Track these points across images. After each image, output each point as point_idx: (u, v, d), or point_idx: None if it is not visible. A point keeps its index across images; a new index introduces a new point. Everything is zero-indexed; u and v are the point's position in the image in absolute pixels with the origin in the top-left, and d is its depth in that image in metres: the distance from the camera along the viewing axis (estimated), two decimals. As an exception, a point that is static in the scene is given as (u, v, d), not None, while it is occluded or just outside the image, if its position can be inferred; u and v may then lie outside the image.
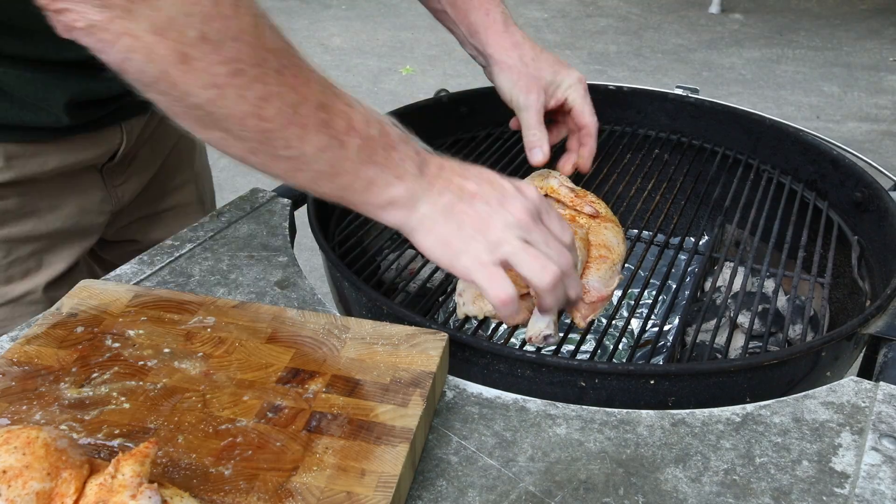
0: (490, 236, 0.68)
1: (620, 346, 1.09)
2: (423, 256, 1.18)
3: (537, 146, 0.98)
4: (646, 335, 1.09)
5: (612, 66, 4.32)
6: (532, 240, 0.69)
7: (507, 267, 0.68)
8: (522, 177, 1.04)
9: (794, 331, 0.99)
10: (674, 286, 1.10)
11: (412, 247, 1.12)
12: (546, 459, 0.63)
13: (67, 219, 0.96)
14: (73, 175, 0.95)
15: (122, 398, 0.62)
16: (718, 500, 0.60)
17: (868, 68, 4.30)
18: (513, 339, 0.86)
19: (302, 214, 1.00)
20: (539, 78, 0.98)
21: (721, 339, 1.02)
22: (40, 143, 0.89)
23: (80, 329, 0.70)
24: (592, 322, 0.86)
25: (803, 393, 0.71)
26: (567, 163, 1.03)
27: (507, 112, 1.32)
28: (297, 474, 0.56)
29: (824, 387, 0.72)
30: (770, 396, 0.72)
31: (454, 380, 0.72)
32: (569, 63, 1.01)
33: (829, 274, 0.95)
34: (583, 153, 1.02)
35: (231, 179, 3.08)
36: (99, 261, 1.11)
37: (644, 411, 0.69)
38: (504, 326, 0.86)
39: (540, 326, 0.80)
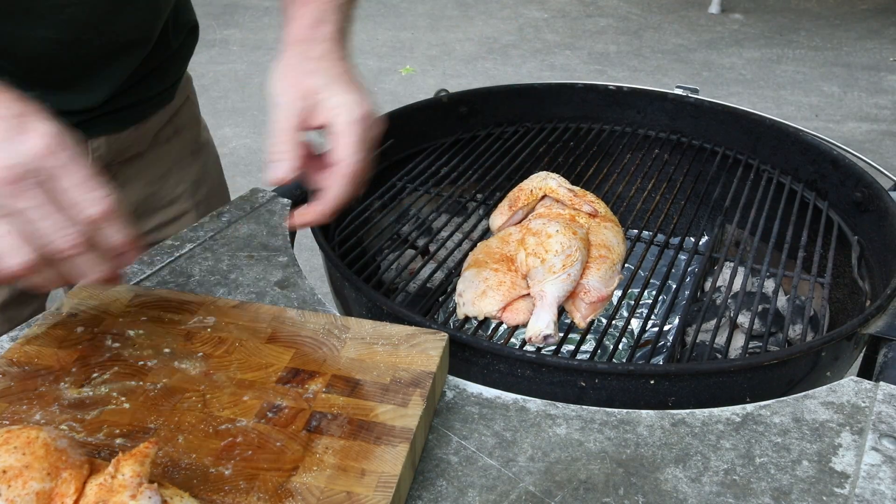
0: None
1: (620, 346, 1.09)
2: (423, 256, 1.19)
3: (275, 160, 0.73)
4: (646, 335, 1.09)
5: (612, 66, 4.32)
6: (14, 210, 0.55)
7: None
8: (523, 177, 1.04)
9: (794, 331, 0.99)
10: (674, 286, 1.10)
11: (412, 247, 1.12)
12: (546, 459, 0.63)
13: None
14: None
15: (122, 398, 0.62)
16: (718, 500, 0.60)
17: (868, 68, 4.30)
18: (513, 339, 0.86)
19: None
20: (309, 82, 0.74)
21: (721, 339, 1.02)
22: None
23: (80, 329, 0.70)
24: (592, 322, 0.86)
25: (803, 393, 0.71)
26: (299, 217, 0.75)
27: (507, 112, 1.32)
28: (297, 474, 0.56)
29: (824, 387, 0.72)
30: (770, 396, 0.72)
31: (454, 380, 0.72)
32: (369, 92, 0.75)
33: (829, 274, 0.95)
34: (324, 197, 0.74)
35: (231, 179, 3.08)
36: None
37: (644, 411, 0.69)
38: (504, 326, 0.86)
39: (540, 326, 0.80)
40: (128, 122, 0.96)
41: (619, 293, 0.94)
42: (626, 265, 0.99)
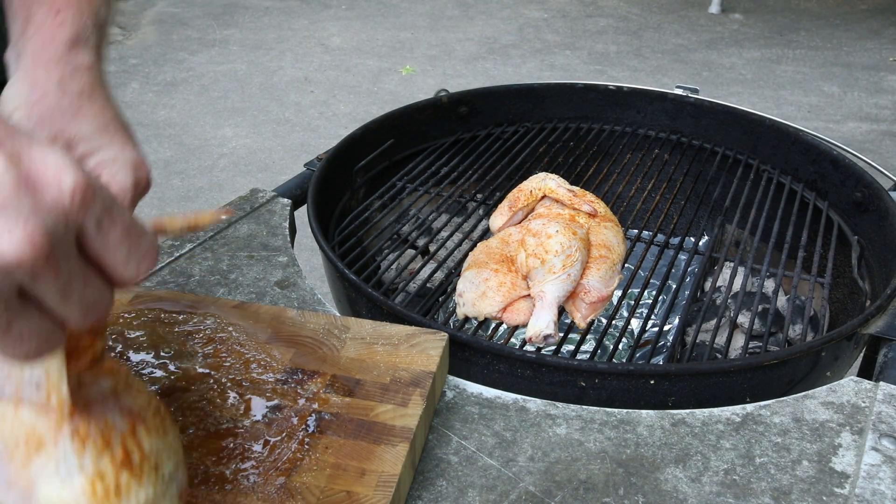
0: None
1: (620, 346, 1.09)
2: (423, 256, 1.19)
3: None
4: (646, 335, 1.09)
5: (612, 66, 4.32)
6: (38, 292, 0.36)
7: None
8: (523, 177, 1.04)
9: (794, 331, 0.99)
10: (674, 286, 1.10)
11: (413, 247, 1.13)
12: (546, 459, 0.63)
13: None
14: None
15: (122, 398, 0.62)
16: (718, 500, 0.60)
17: (868, 68, 4.30)
18: (513, 339, 0.86)
19: (302, 214, 1.00)
20: (71, 129, 0.53)
21: (721, 339, 1.02)
22: None
23: (80, 329, 0.70)
24: (592, 322, 0.86)
25: (803, 393, 0.71)
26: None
27: (507, 112, 1.32)
28: (297, 474, 0.56)
29: (824, 387, 0.72)
30: (770, 396, 0.72)
31: (454, 380, 0.72)
32: (138, 144, 0.56)
33: (829, 274, 0.95)
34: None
35: (231, 179, 3.08)
36: None
37: (644, 411, 0.69)
38: (504, 326, 0.86)
39: (540, 326, 0.80)
40: None
41: (619, 293, 0.94)
42: (626, 265, 0.99)
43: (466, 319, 0.86)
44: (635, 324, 1.14)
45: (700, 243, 1.13)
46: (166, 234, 0.47)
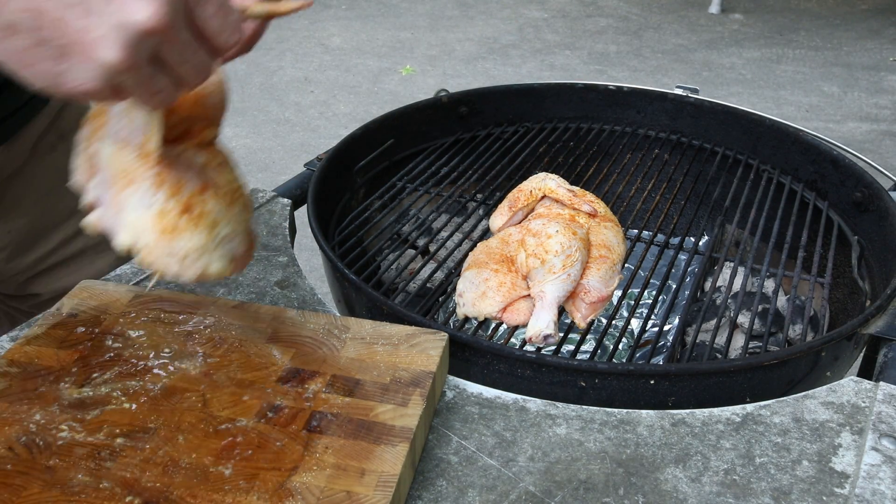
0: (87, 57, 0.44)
1: (620, 346, 1.09)
2: (423, 256, 1.19)
3: None
4: (646, 335, 1.09)
5: (612, 66, 4.32)
6: (164, 55, 0.47)
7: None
8: (523, 177, 1.04)
9: (794, 331, 0.99)
10: (674, 286, 1.10)
11: (413, 247, 1.12)
12: (546, 459, 0.63)
13: None
14: None
15: (123, 398, 0.62)
16: (718, 500, 0.60)
17: (868, 68, 4.30)
18: (513, 339, 0.86)
19: (302, 214, 1.00)
20: None
21: (721, 339, 1.02)
22: None
23: (80, 329, 0.70)
24: (592, 322, 0.86)
25: (803, 393, 0.71)
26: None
27: (507, 112, 1.32)
28: (296, 474, 0.56)
29: (824, 387, 0.72)
30: (770, 396, 0.72)
31: (454, 380, 0.72)
32: None
33: (829, 274, 0.95)
34: None
35: (231, 179, 3.08)
36: (9, 311, 1.01)
37: (644, 411, 0.69)
38: (504, 326, 0.86)
39: (540, 326, 0.80)
40: (3, 136, 0.85)
41: (619, 293, 0.94)
42: (626, 265, 0.99)
43: (466, 319, 0.86)
44: (635, 324, 1.14)
45: (700, 243, 1.13)
46: (249, 17, 0.58)
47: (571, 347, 0.98)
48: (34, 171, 0.91)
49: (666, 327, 1.12)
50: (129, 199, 0.56)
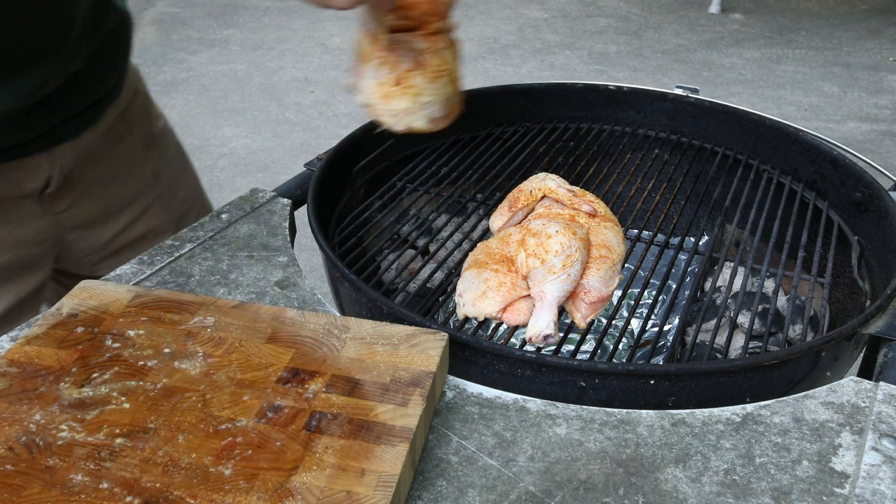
0: None
1: (620, 346, 1.09)
2: (423, 256, 1.19)
3: None
4: (646, 335, 1.09)
5: (612, 66, 4.32)
6: None
7: None
8: (523, 177, 1.04)
9: (794, 331, 0.99)
10: (674, 286, 1.10)
11: (413, 247, 1.12)
12: (546, 459, 0.63)
13: (3, 254, 0.92)
14: (2, 206, 0.91)
15: (123, 398, 0.62)
16: (718, 500, 0.60)
17: (868, 68, 4.30)
18: (513, 340, 0.86)
19: (302, 214, 1.00)
20: None
21: (721, 339, 1.02)
22: None
23: (80, 329, 0.70)
24: (592, 322, 0.86)
25: (803, 393, 0.71)
26: None
27: (507, 112, 1.32)
28: (296, 474, 0.56)
29: (824, 387, 0.72)
30: (770, 396, 0.72)
31: (454, 380, 0.72)
32: None
33: (829, 274, 0.95)
34: None
35: (231, 179, 3.09)
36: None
37: (644, 411, 0.69)
38: (504, 326, 0.86)
39: (540, 326, 0.80)
40: (83, 126, 0.96)
41: (619, 293, 0.94)
42: (626, 265, 0.99)
43: (466, 319, 0.86)
44: (635, 324, 1.14)
45: (700, 243, 1.13)
46: None
47: (571, 347, 0.98)
48: (104, 157, 1.01)
49: (666, 327, 1.12)
50: (364, 72, 0.82)
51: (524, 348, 0.80)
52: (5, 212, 0.92)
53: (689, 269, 1.08)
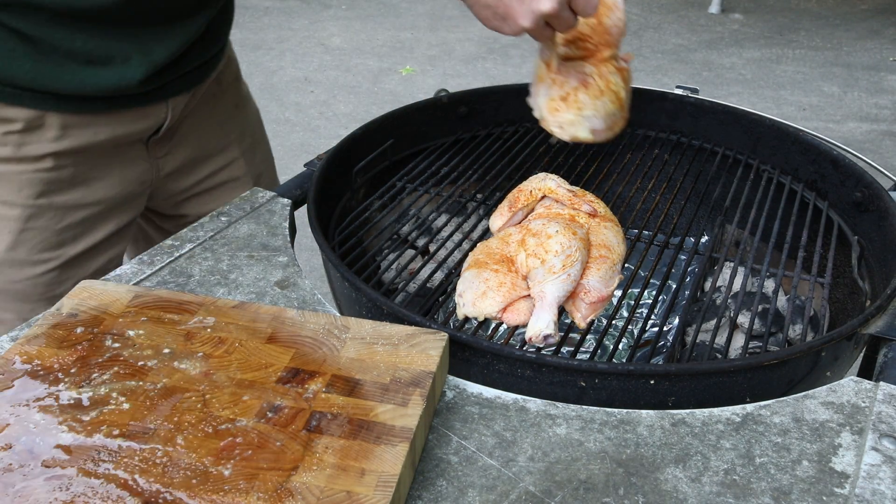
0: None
1: (620, 346, 1.09)
2: (423, 256, 1.19)
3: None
4: (646, 335, 1.09)
5: (612, 66, 4.31)
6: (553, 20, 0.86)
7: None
8: (523, 177, 1.04)
9: (794, 331, 0.99)
10: (674, 286, 1.10)
11: (412, 247, 1.12)
12: (546, 459, 0.63)
13: (113, 188, 1.05)
14: (119, 147, 1.03)
15: (122, 398, 0.62)
16: (718, 500, 0.60)
17: (868, 68, 4.30)
18: (512, 340, 0.86)
19: (302, 214, 1.00)
20: None
21: (721, 339, 1.02)
22: (93, 115, 0.97)
23: (80, 329, 0.70)
24: (592, 322, 0.86)
25: (803, 393, 0.71)
26: None
27: (507, 112, 1.32)
28: (296, 474, 0.56)
29: (824, 387, 0.72)
30: (770, 396, 0.72)
31: (454, 380, 0.72)
32: None
33: (829, 274, 0.95)
34: None
35: (231, 179, 3.08)
36: (159, 230, 1.25)
37: (644, 411, 0.69)
38: (504, 326, 0.86)
39: (540, 327, 0.80)
40: (195, 81, 1.08)
41: (619, 293, 0.94)
42: (626, 265, 0.99)
43: (466, 319, 0.86)
44: (635, 324, 1.14)
45: (700, 243, 1.13)
46: None
47: (571, 347, 0.98)
48: (200, 113, 1.13)
49: (666, 327, 1.12)
50: (538, 91, 1.00)
51: (524, 348, 0.80)
52: (121, 152, 1.04)
53: (689, 269, 1.08)
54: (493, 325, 0.94)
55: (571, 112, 0.97)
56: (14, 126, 0.93)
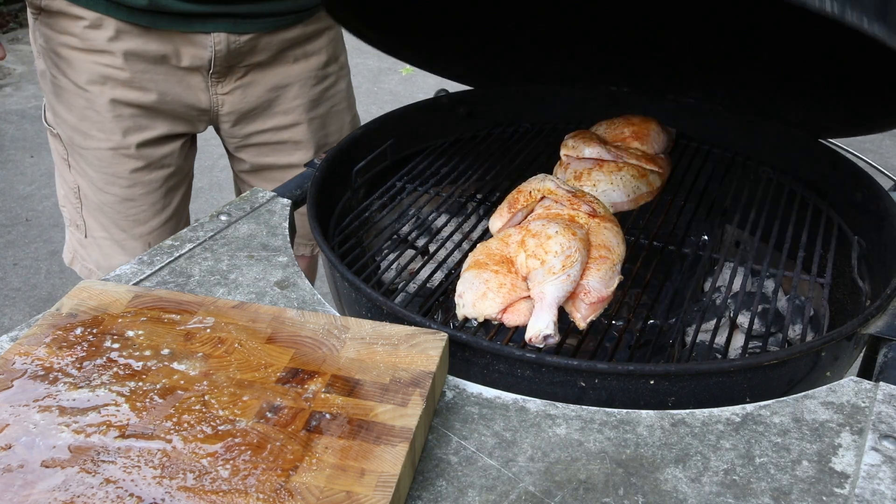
0: None
1: (620, 346, 1.08)
2: (423, 256, 1.19)
3: None
4: (646, 335, 1.09)
5: (613, 67, 4.31)
6: None
7: None
8: (523, 177, 1.04)
9: (794, 331, 0.99)
10: (674, 286, 1.09)
11: (413, 247, 1.12)
12: (546, 459, 0.63)
13: (166, 103, 1.21)
14: (173, 67, 1.19)
15: (122, 399, 0.62)
16: (718, 500, 0.60)
17: (868, 68, 4.30)
18: (512, 342, 0.85)
19: (302, 214, 1.00)
20: None
21: (721, 339, 1.02)
22: (143, 28, 1.14)
23: (79, 330, 0.70)
24: (593, 322, 0.86)
25: (803, 393, 0.71)
26: None
27: (507, 112, 1.32)
28: (296, 474, 0.56)
29: (824, 387, 0.72)
30: (770, 396, 0.72)
31: (454, 380, 0.72)
32: None
33: (829, 274, 0.95)
34: None
35: (231, 179, 3.08)
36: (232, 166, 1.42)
37: (644, 411, 0.68)
38: (504, 327, 0.86)
39: (539, 327, 0.80)
40: (247, 30, 1.18)
41: (619, 293, 0.94)
42: (626, 265, 0.99)
43: (466, 319, 0.86)
44: (635, 324, 1.14)
45: (700, 243, 1.13)
46: None
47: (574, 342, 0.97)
48: (274, 70, 1.25)
49: (666, 327, 1.11)
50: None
51: (524, 348, 0.80)
52: (178, 74, 1.20)
53: (688, 269, 1.08)
54: (493, 326, 0.94)
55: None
56: (82, 23, 1.13)
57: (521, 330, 0.84)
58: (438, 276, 1.13)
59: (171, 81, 1.20)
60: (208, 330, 0.70)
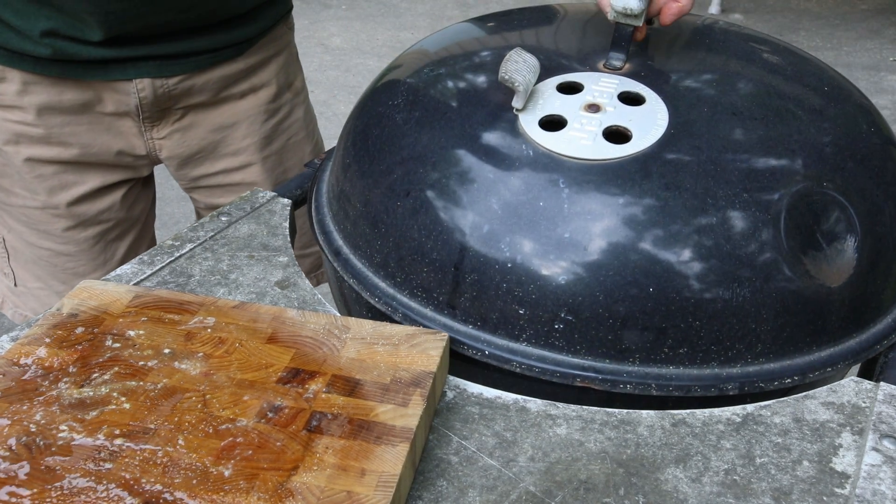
0: None
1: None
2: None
3: None
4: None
5: (612, 66, 4.31)
6: None
7: None
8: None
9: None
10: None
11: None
12: (546, 459, 0.63)
13: (97, 155, 1.08)
14: (104, 117, 1.06)
15: (122, 398, 0.62)
16: (719, 501, 0.60)
17: (868, 68, 4.30)
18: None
19: (302, 214, 1.00)
20: None
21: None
22: (54, 78, 1.00)
23: (80, 329, 0.70)
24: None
25: (803, 393, 0.71)
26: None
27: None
28: (297, 474, 0.56)
29: (824, 387, 0.72)
30: (770, 396, 0.72)
31: (454, 380, 0.72)
32: None
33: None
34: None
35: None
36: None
37: (644, 411, 0.69)
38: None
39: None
40: (175, 71, 1.05)
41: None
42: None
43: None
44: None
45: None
46: None
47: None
48: (217, 109, 1.12)
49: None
50: None
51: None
52: (110, 123, 1.07)
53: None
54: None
55: None
56: None
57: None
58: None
59: (98, 130, 1.06)
60: (209, 330, 0.70)
